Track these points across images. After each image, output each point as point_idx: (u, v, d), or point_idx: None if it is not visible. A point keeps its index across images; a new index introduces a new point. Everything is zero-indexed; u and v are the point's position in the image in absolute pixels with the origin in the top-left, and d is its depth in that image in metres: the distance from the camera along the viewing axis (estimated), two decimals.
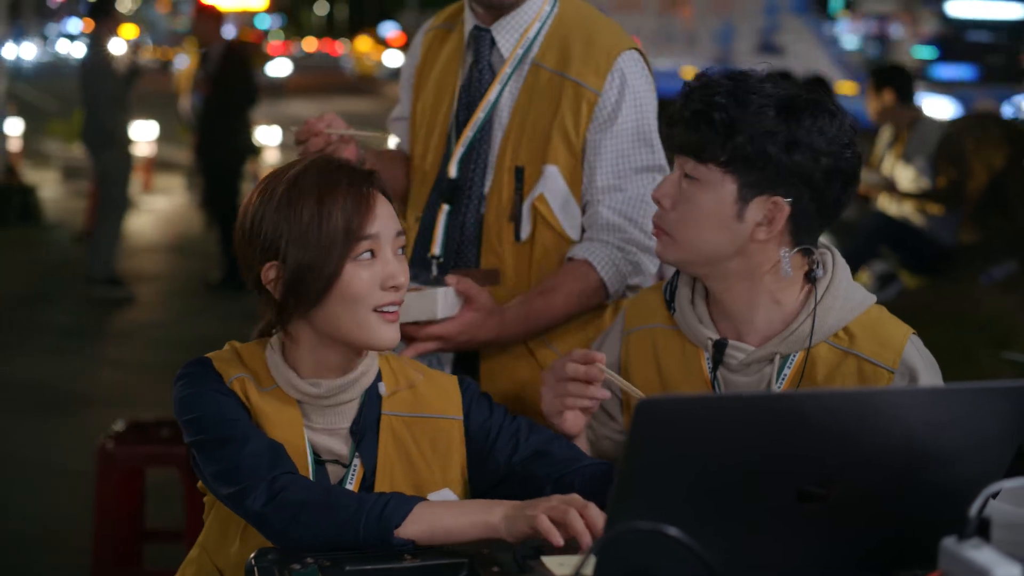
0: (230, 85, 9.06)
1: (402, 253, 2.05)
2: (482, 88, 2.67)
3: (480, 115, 2.65)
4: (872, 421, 1.53)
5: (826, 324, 2.10)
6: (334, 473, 2.05)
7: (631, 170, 2.58)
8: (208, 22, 9.42)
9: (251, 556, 1.80)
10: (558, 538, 1.73)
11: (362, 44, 48.81)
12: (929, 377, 2.09)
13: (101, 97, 8.62)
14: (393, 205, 2.08)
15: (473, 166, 2.65)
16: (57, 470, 5.40)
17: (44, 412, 6.29)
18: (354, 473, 2.04)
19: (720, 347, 2.13)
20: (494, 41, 2.66)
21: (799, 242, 2.10)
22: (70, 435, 5.83)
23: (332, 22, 72.26)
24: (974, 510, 1.44)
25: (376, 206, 2.02)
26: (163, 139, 15.02)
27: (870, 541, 1.60)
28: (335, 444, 2.05)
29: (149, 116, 14.24)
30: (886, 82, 7.39)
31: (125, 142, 9.03)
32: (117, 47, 9.19)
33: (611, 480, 1.54)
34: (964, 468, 1.58)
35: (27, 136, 14.45)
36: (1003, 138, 8.16)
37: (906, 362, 2.08)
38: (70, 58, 41.32)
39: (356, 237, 1.98)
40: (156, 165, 14.66)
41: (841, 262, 2.16)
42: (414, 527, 1.83)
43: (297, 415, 2.03)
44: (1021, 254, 7.29)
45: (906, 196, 7.20)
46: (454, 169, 2.66)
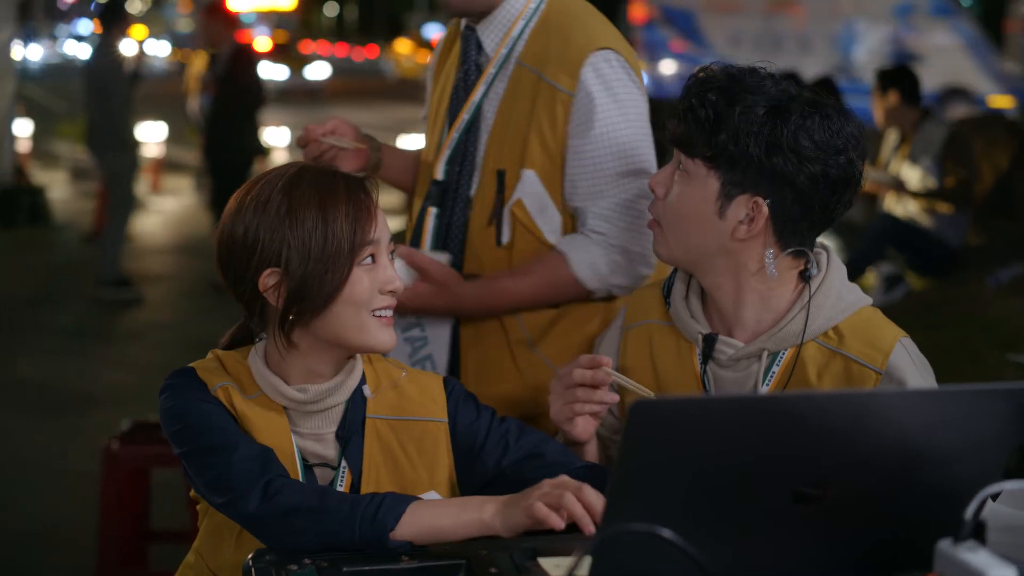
0: (238, 86, 9.08)
1: (392, 258, 2.06)
2: (468, 88, 2.66)
3: (465, 116, 2.64)
4: (868, 422, 1.52)
5: (816, 323, 2.10)
6: (322, 476, 2.05)
7: (611, 175, 2.54)
8: (217, 23, 9.43)
9: (248, 557, 1.81)
10: (558, 520, 1.74)
11: (402, 46, 47.00)
12: (919, 380, 2.08)
13: (109, 99, 8.63)
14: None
15: (459, 168, 2.64)
16: (63, 470, 5.42)
17: (51, 412, 6.30)
18: (343, 477, 2.05)
19: (710, 342, 2.14)
20: (480, 41, 2.66)
21: (786, 243, 2.09)
22: (77, 436, 5.84)
23: (342, 24, 72.27)
24: (970, 512, 1.44)
25: (375, 212, 2.03)
26: (172, 140, 15.04)
27: (866, 543, 1.60)
28: (322, 448, 2.06)
29: (158, 117, 14.28)
30: (891, 83, 7.38)
31: (131, 143, 9.05)
32: (126, 49, 9.21)
33: (604, 483, 1.54)
34: (960, 470, 1.58)
35: (36, 137, 14.49)
36: (1010, 139, 8.13)
37: (894, 364, 2.07)
38: (79, 59, 41.40)
39: (361, 242, 2.00)
40: (165, 166, 14.69)
41: (836, 262, 2.16)
42: (408, 528, 1.83)
43: (283, 421, 2.03)
44: None
45: (915, 195, 7.19)
46: (440, 171, 2.66)
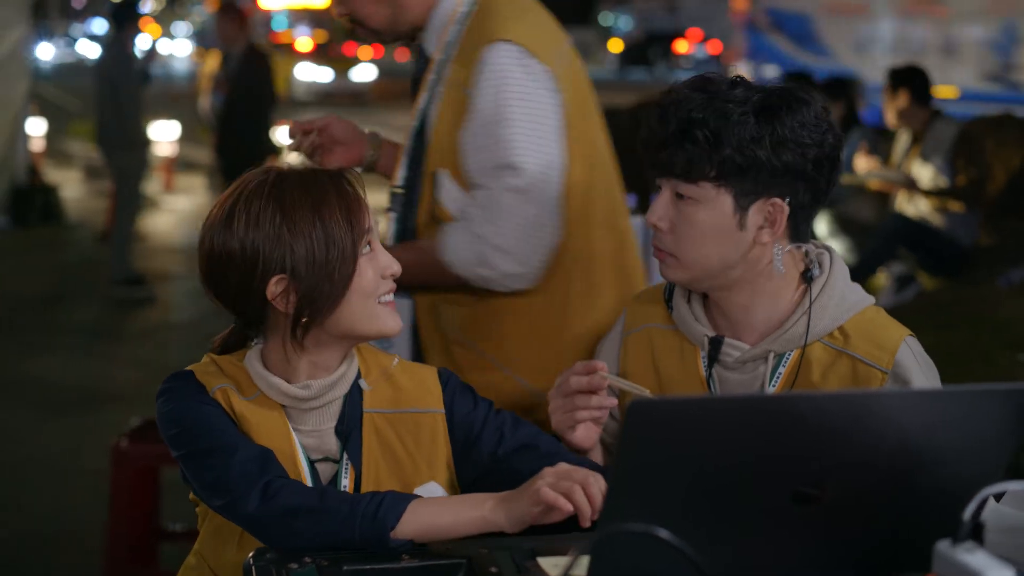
0: (250, 86, 9.10)
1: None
2: (415, 95, 2.70)
3: (413, 123, 2.67)
4: (868, 422, 1.52)
5: (821, 323, 2.10)
6: (325, 471, 2.06)
7: (488, 167, 2.53)
8: (230, 22, 9.45)
9: (249, 556, 1.81)
10: (566, 503, 1.76)
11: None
12: (923, 379, 2.08)
13: (118, 97, 8.65)
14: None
15: (412, 174, 2.67)
16: (75, 469, 5.44)
17: (62, 411, 6.33)
18: (346, 473, 2.05)
19: (716, 344, 2.14)
20: (422, 48, 2.69)
21: (797, 237, 2.11)
22: (88, 434, 5.86)
23: None
24: (968, 513, 1.44)
25: (364, 201, 2.05)
26: (185, 139, 15.07)
27: (865, 543, 1.60)
28: (323, 443, 2.07)
29: (171, 116, 14.31)
30: (902, 83, 7.37)
31: (141, 142, 9.07)
32: (138, 48, 9.24)
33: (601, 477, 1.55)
34: (961, 470, 1.58)
35: (50, 136, 14.53)
36: (1022, 139, 8.11)
37: (900, 363, 2.08)
38: (92, 59, 41.53)
39: (360, 234, 2.01)
40: (177, 165, 14.72)
41: (839, 263, 2.16)
42: (410, 527, 1.84)
43: (283, 420, 2.04)
44: None
45: (926, 194, 7.18)
46: (400, 177, 2.69)
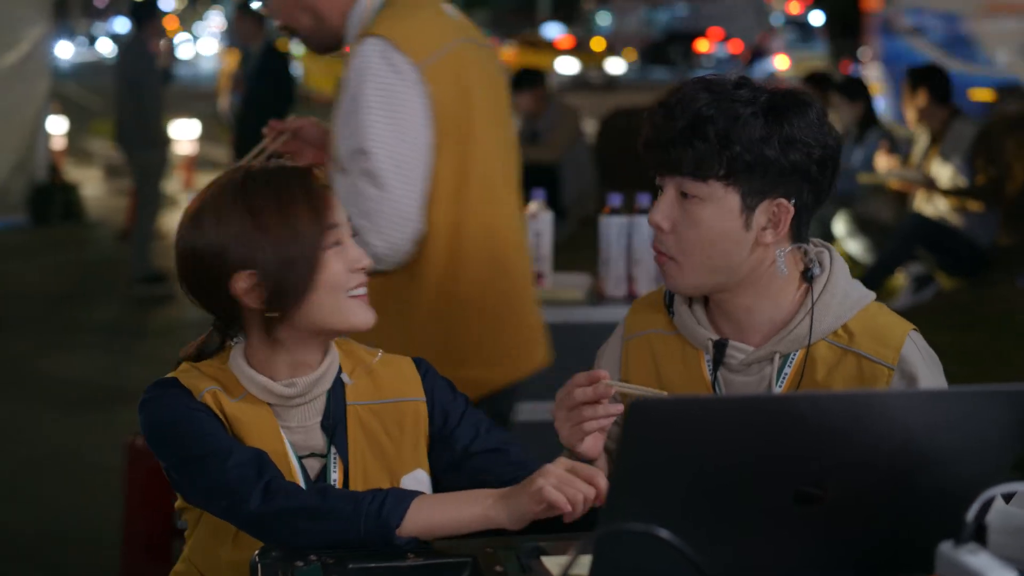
0: (268, 84, 9.11)
1: (353, 236, 2.11)
2: None
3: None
4: (869, 422, 1.52)
5: (825, 322, 2.10)
6: (312, 467, 2.07)
7: (349, 152, 2.68)
8: (249, 20, 9.48)
9: (255, 554, 1.82)
10: (567, 505, 1.77)
11: (512, 50, 39.52)
12: (929, 374, 2.08)
13: (139, 96, 8.68)
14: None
15: None
16: (92, 466, 5.46)
17: (82, 408, 6.35)
18: (335, 467, 2.07)
19: (720, 347, 2.13)
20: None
21: (798, 237, 2.11)
22: (107, 431, 5.88)
23: None
24: (971, 515, 1.44)
25: (330, 196, 2.08)
26: (205, 138, 15.11)
27: (867, 544, 1.60)
28: (310, 439, 2.08)
29: (192, 115, 14.35)
30: (921, 82, 7.35)
31: (161, 140, 9.10)
32: (159, 47, 9.27)
33: None
34: (963, 471, 1.58)
35: (71, 135, 14.58)
36: None
37: (905, 359, 2.07)
38: (112, 57, 41.66)
39: (325, 226, 2.03)
40: (198, 163, 14.76)
41: (839, 260, 2.16)
42: (414, 525, 1.85)
43: (271, 418, 2.05)
44: None
45: (945, 193, 7.16)
46: None
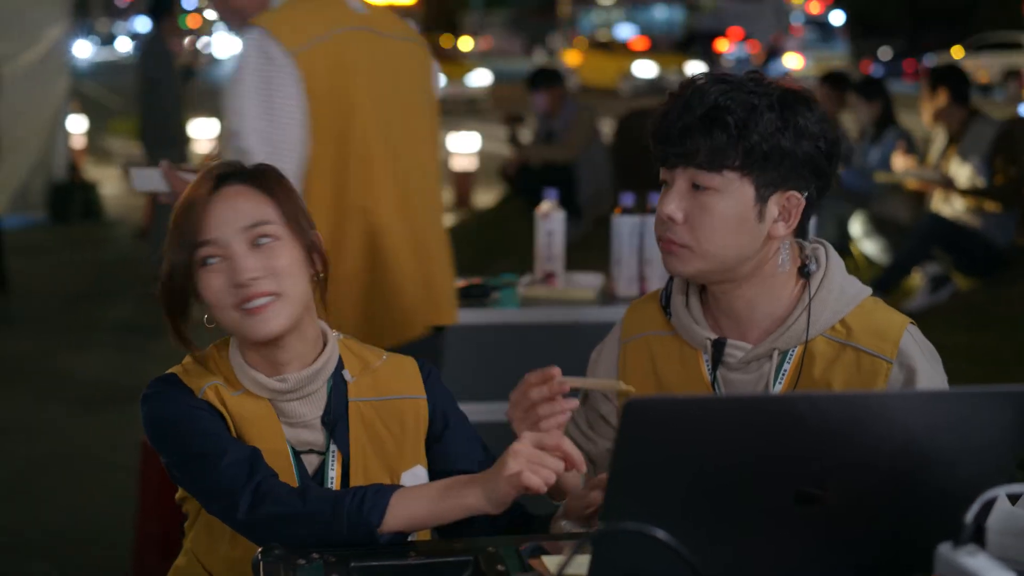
0: None
1: (267, 241, 2.04)
2: None
3: None
4: (869, 424, 1.52)
5: (822, 318, 2.11)
6: (311, 463, 2.09)
7: (227, 134, 2.86)
8: None
9: (258, 552, 1.83)
10: (543, 487, 1.80)
11: (572, 56, 36.89)
12: (927, 366, 2.08)
13: (158, 94, 8.72)
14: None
15: None
16: (109, 465, 5.48)
17: (99, 407, 6.38)
18: (333, 462, 2.09)
19: (719, 346, 2.14)
20: None
21: (799, 232, 2.13)
22: (123, 430, 5.90)
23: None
24: (970, 516, 1.44)
25: (212, 209, 2.04)
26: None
27: (868, 545, 1.60)
28: (309, 435, 2.10)
29: (211, 114, 14.38)
30: (941, 82, 7.33)
31: (181, 139, 9.14)
32: (180, 45, 9.30)
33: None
34: (964, 472, 1.57)
35: (91, 134, 14.63)
36: None
37: (904, 352, 2.08)
38: (134, 56, 41.73)
39: (194, 245, 2.03)
40: None
41: (835, 256, 2.17)
42: (396, 521, 1.87)
43: (271, 412, 2.07)
44: None
45: (963, 194, 7.13)
46: None
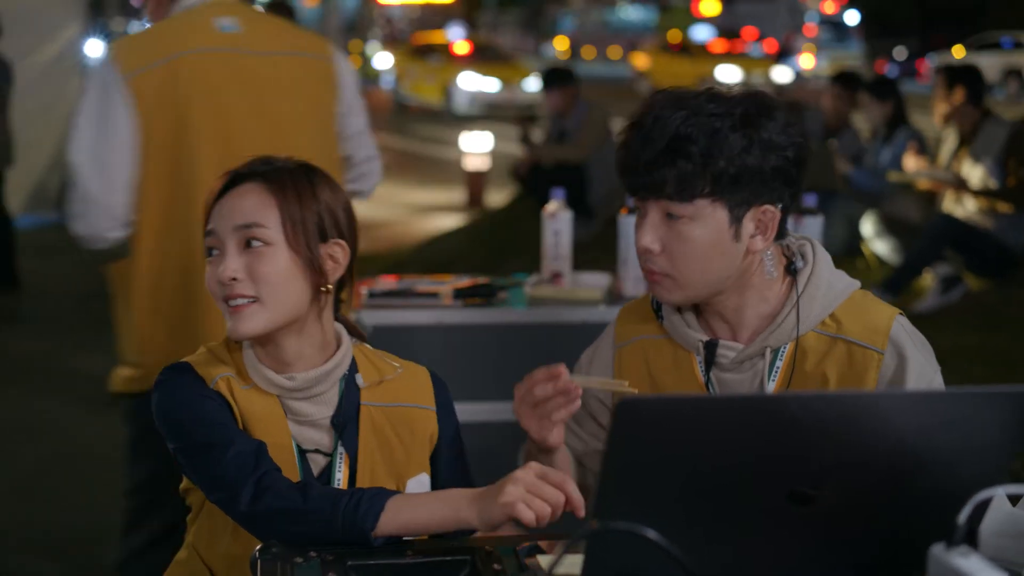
0: None
1: (258, 245, 2.04)
2: None
3: None
4: (865, 424, 1.52)
5: (812, 313, 2.11)
6: (316, 462, 2.10)
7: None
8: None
9: (256, 549, 1.84)
10: (533, 522, 1.79)
11: (639, 59, 34.49)
12: (918, 355, 2.09)
13: None
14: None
15: None
16: (120, 464, 5.49)
17: (106, 405, 6.38)
18: (340, 463, 2.09)
19: (711, 348, 2.14)
20: None
21: (779, 235, 2.12)
22: None
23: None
24: (962, 517, 1.44)
25: (221, 201, 2.08)
26: None
27: (864, 545, 1.60)
28: (317, 435, 2.10)
29: None
30: (958, 80, 7.31)
31: None
32: None
33: None
34: (961, 473, 1.57)
35: None
36: None
37: (894, 342, 2.09)
38: None
39: (205, 231, 2.07)
40: None
41: (822, 251, 2.17)
42: (389, 525, 1.87)
43: (278, 409, 2.08)
44: None
45: (976, 194, 7.11)
46: None
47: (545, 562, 1.74)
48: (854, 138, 8.48)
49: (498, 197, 12.33)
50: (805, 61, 34.15)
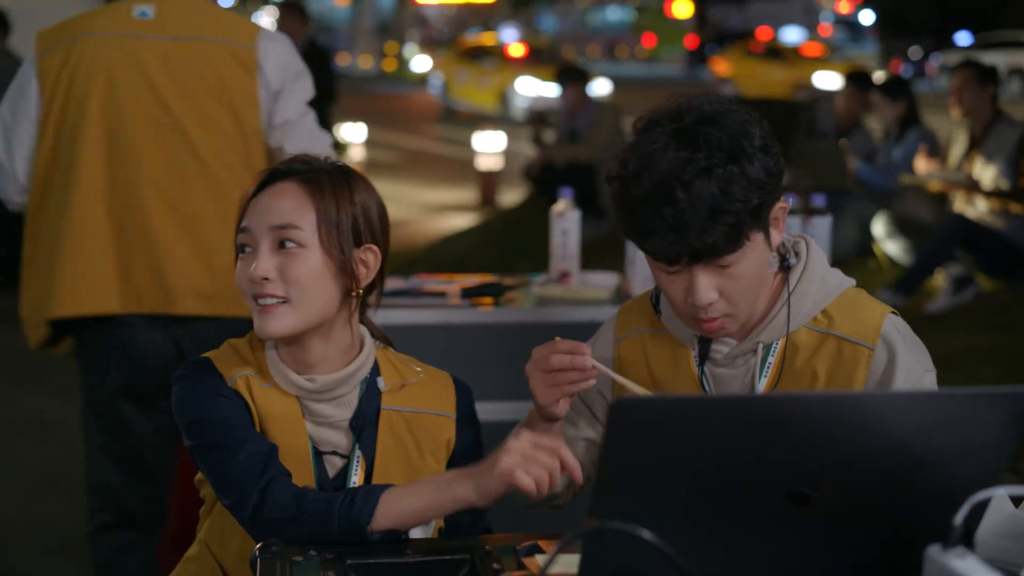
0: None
1: (291, 247, 2.03)
2: None
3: None
4: (863, 424, 1.52)
5: (804, 309, 2.12)
6: (333, 464, 2.10)
7: None
8: (293, 17, 9.55)
9: (256, 548, 1.85)
10: (534, 488, 1.79)
11: (725, 60, 30.60)
12: (909, 354, 2.08)
13: None
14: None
15: None
16: None
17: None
18: (357, 466, 2.09)
19: (705, 343, 2.15)
20: None
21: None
22: None
23: None
24: (959, 518, 1.44)
25: (257, 199, 2.07)
26: None
27: (862, 546, 1.60)
28: (335, 436, 2.10)
29: None
30: (988, 78, 7.28)
31: None
32: None
33: None
34: (959, 473, 1.57)
35: None
36: None
37: (885, 338, 2.08)
38: None
39: (237, 228, 2.07)
40: None
41: (815, 248, 2.17)
42: (386, 518, 1.88)
43: (297, 410, 2.08)
44: None
45: (987, 195, 7.10)
46: None
47: (544, 562, 1.74)
48: (866, 138, 8.46)
49: (511, 197, 12.34)
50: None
